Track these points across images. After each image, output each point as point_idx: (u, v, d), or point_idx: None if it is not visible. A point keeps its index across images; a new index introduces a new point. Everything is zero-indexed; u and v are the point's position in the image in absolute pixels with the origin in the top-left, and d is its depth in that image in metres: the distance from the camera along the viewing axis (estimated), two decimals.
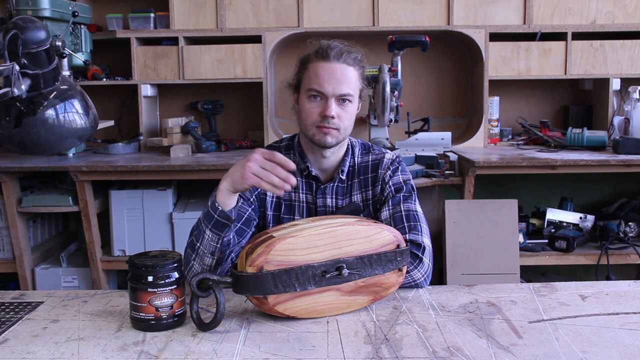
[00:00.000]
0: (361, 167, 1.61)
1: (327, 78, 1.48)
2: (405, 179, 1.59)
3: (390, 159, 1.61)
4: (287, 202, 1.60)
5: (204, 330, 1.20)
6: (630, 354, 1.07)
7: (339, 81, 1.48)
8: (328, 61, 1.49)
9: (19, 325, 1.24)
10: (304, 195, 1.59)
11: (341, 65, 1.49)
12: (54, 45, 2.38)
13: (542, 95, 3.46)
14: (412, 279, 1.42)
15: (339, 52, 1.49)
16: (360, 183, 1.60)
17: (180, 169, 2.77)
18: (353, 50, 1.53)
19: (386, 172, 1.59)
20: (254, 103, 3.37)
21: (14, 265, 2.93)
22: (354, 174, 1.61)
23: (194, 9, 3.19)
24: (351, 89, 1.50)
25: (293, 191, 1.59)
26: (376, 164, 1.61)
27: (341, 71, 1.49)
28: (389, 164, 1.60)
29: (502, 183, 3.37)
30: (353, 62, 1.51)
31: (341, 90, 1.49)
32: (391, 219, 1.53)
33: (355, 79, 1.51)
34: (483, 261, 2.65)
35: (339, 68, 1.49)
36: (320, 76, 1.49)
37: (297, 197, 1.60)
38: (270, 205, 1.60)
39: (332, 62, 1.49)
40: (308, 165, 1.58)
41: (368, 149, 1.64)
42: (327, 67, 1.49)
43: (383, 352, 1.09)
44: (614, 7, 3.16)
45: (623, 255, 2.88)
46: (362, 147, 1.65)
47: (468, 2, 3.16)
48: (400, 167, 1.61)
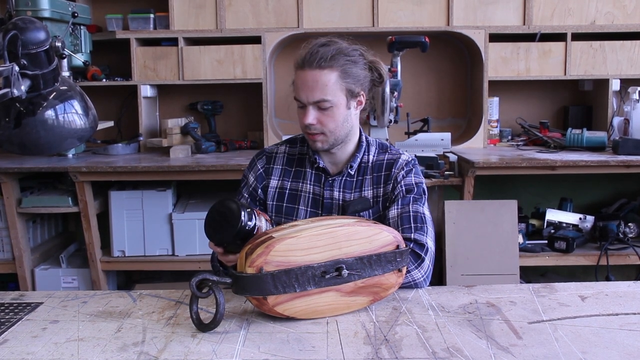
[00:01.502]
0: (376, 164, 1.62)
1: (301, 87, 1.50)
2: (418, 181, 1.60)
3: (405, 160, 1.62)
4: (293, 192, 1.62)
5: (204, 330, 1.20)
6: (630, 354, 1.07)
7: (311, 89, 1.48)
8: (302, 69, 1.50)
9: (19, 326, 1.24)
10: (312, 187, 1.61)
11: (313, 71, 1.48)
12: (53, 46, 2.38)
13: (542, 96, 3.46)
14: (412, 278, 1.42)
15: (312, 58, 1.47)
16: (373, 180, 1.61)
17: (180, 170, 2.77)
18: (333, 45, 1.49)
19: (400, 172, 1.59)
20: (254, 104, 3.37)
21: (14, 265, 2.93)
22: (367, 170, 1.62)
23: (194, 10, 3.19)
24: (325, 93, 1.48)
25: (301, 181, 1.62)
26: (391, 163, 1.61)
27: (313, 78, 1.48)
28: (404, 165, 1.60)
29: (501, 184, 3.37)
30: (328, 63, 1.47)
31: (314, 97, 1.49)
32: (398, 218, 1.53)
33: (331, 81, 1.48)
34: (483, 262, 2.65)
35: (311, 75, 1.48)
36: (298, 85, 1.51)
37: (305, 187, 1.62)
38: (273, 195, 1.63)
39: (305, 69, 1.49)
40: (316, 157, 1.60)
41: (385, 149, 1.65)
42: (302, 75, 1.50)
43: (383, 353, 1.09)
44: (613, 7, 3.16)
45: (623, 256, 2.88)
46: (379, 146, 1.66)
47: (468, 3, 3.16)
48: (414, 169, 1.62)
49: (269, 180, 1.64)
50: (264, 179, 1.64)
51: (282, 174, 1.64)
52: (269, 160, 1.66)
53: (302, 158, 1.65)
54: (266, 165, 1.65)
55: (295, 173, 1.64)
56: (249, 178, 1.66)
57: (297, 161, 1.65)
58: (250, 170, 1.67)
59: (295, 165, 1.64)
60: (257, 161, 1.66)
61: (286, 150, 1.67)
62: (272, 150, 1.68)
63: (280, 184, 1.63)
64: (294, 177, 1.63)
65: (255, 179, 1.64)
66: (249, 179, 1.66)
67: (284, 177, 1.64)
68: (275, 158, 1.66)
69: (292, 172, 1.64)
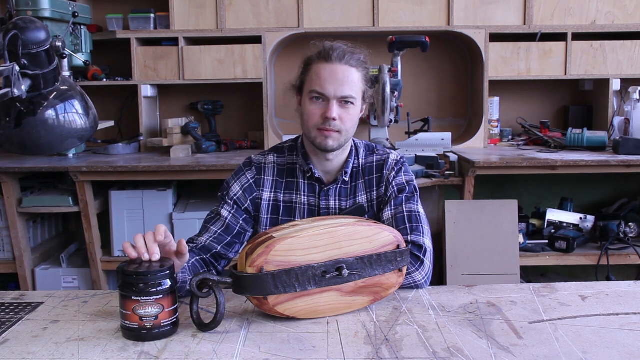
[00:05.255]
0: (366, 168, 1.61)
1: (328, 79, 1.47)
2: (408, 179, 1.59)
3: (394, 159, 1.61)
4: (287, 205, 1.59)
5: (204, 330, 1.20)
6: (630, 354, 1.07)
7: (340, 83, 1.47)
8: (330, 62, 1.48)
9: (19, 326, 1.24)
10: (306, 198, 1.58)
11: (343, 66, 1.48)
12: (54, 45, 2.37)
13: (542, 95, 3.46)
14: (412, 280, 1.42)
15: (342, 54, 1.48)
16: (365, 184, 1.60)
17: (181, 170, 2.77)
18: (357, 51, 1.52)
19: (390, 173, 1.58)
20: (254, 103, 3.37)
21: (14, 265, 2.93)
22: (359, 175, 1.60)
23: (194, 10, 3.19)
24: (353, 91, 1.49)
25: (295, 193, 1.59)
26: (381, 165, 1.60)
27: (343, 73, 1.48)
28: (394, 165, 1.60)
29: (502, 183, 3.37)
30: (356, 64, 1.50)
31: (343, 92, 1.48)
32: (393, 219, 1.53)
33: (358, 80, 1.50)
34: (483, 262, 2.65)
35: (341, 69, 1.48)
36: (322, 77, 1.48)
37: (299, 199, 1.59)
38: (267, 209, 1.59)
39: (334, 63, 1.48)
40: (311, 167, 1.57)
41: (372, 150, 1.64)
42: (329, 68, 1.48)
43: (383, 353, 1.09)
44: (614, 7, 3.16)
45: (623, 256, 2.88)
46: (366, 148, 1.64)
47: (468, 3, 3.16)
48: (404, 167, 1.61)
49: (260, 192, 1.58)
50: (254, 191, 1.58)
51: (274, 186, 1.59)
52: (258, 171, 1.59)
53: (292, 168, 1.60)
54: (256, 177, 1.58)
55: (287, 184, 1.59)
56: (232, 187, 1.58)
57: (287, 172, 1.60)
58: (236, 180, 1.59)
59: (286, 176, 1.60)
60: (246, 172, 1.59)
61: (275, 160, 1.61)
62: (260, 160, 1.61)
63: (274, 196, 1.58)
64: (286, 188, 1.59)
65: (243, 189, 1.57)
66: (233, 188, 1.58)
67: (276, 189, 1.59)
68: (265, 169, 1.60)
69: (283, 184, 1.59)
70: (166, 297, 1.16)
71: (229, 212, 1.56)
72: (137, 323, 1.15)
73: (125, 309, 1.16)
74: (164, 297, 1.16)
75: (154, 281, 1.15)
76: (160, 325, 1.16)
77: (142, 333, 1.15)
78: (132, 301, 1.15)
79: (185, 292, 1.35)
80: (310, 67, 1.52)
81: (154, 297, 1.15)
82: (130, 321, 1.15)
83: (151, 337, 1.16)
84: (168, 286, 1.17)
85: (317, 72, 1.49)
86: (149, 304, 1.15)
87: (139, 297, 1.15)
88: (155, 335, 1.16)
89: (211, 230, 1.54)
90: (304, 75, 1.54)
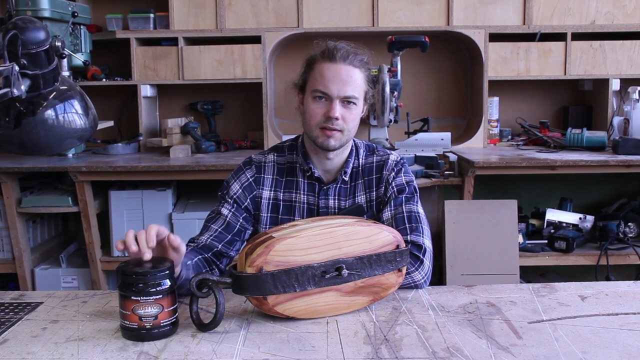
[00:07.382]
0: (366, 168, 1.61)
1: (332, 79, 1.48)
2: (408, 180, 1.59)
3: (394, 160, 1.61)
4: (287, 203, 1.59)
5: (204, 330, 1.20)
6: (630, 354, 1.07)
7: (344, 82, 1.48)
8: (334, 62, 1.48)
9: (19, 326, 1.24)
10: (306, 197, 1.59)
11: (347, 66, 1.49)
12: (53, 45, 2.38)
13: (542, 95, 3.46)
14: (412, 280, 1.42)
15: (346, 54, 1.49)
16: (365, 184, 1.60)
17: (180, 170, 2.77)
18: (360, 52, 1.52)
19: (390, 174, 1.59)
20: (254, 103, 3.37)
21: (14, 265, 2.93)
22: (358, 175, 1.61)
23: (194, 10, 3.19)
24: (356, 91, 1.50)
25: (294, 192, 1.59)
26: (381, 165, 1.61)
27: (347, 73, 1.48)
28: (393, 165, 1.60)
29: (501, 183, 3.37)
30: (359, 64, 1.51)
31: (346, 92, 1.48)
32: (393, 219, 1.53)
33: (360, 81, 1.51)
34: (483, 262, 2.65)
35: (345, 69, 1.48)
36: (326, 77, 1.48)
37: (298, 197, 1.59)
38: (267, 207, 1.59)
39: (338, 63, 1.48)
40: (311, 166, 1.57)
41: (372, 150, 1.64)
42: (333, 68, 1.48)
43: (383, 353, 1.09)
44: (613, 7, 3.16)
45: (623, 256, 2.88)
46: (366, 148, 1.65)
47: (468, 3, 3.16)
48: (404, 168, 1.61)
49: (260, 190, 1.59)
50: (254, 189, 1.58)
51: (274, 185, 1.59)
52: (258, 169, 1.60)
53: (292, 167, 1.61)
54: (256, 175, 1.59)
55: (286, 183, 1.60)
56: (232, 186, 1.59)
57: (287, 170, 1.61)
58: (236, 179, 1.60)
59: (286, 174, 1.60)
60: (246, 170, 1.60)
61: (274, 159, 1.62)
62: (260, 159, 1.61)
63: (274, 195, 1.59)
64: (285, 187, 1.59)
65: (242, 188, 1.58)
66: (232, 187, 1.59)
67: (276, 187, 1.59)
68: (264, 167, 1.60)
69: (283, 182, 1.60)
70: (166, 297, 1.17)
71: (229, 210, 1.57)
72: (137, 323, 1.15)
73: (125, 309, 1.16)
74: (163, 297, 1.16)
75: (153, 281, 1.16)
76: (160, 325, 1.16)
77: (142, 333, 1.16)
78: (131, 301, 1.15)
79: (187, 291, 1.35)
80: (313, 66, 1.52)
81: (154, 297, 1.15)
82: (130, 321, 1.16)
83: (151, 337, 1.16)
84: (167, 286, 1.17)
85: (320, 71, 1.49)
86: (148, 304, 1.15)
87: (138, 297, 1.15)
88: (155, 335, 1.16)
89: (212, 228, 1.55)
90: (307, 74, 1.54)
